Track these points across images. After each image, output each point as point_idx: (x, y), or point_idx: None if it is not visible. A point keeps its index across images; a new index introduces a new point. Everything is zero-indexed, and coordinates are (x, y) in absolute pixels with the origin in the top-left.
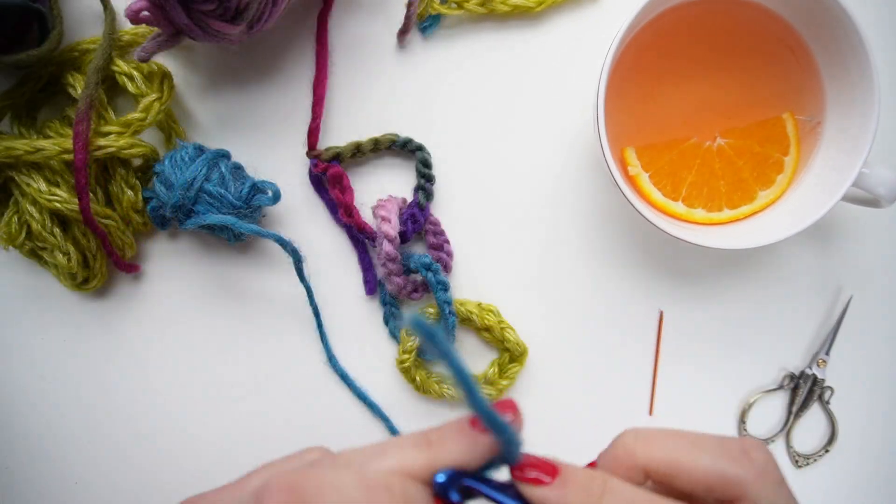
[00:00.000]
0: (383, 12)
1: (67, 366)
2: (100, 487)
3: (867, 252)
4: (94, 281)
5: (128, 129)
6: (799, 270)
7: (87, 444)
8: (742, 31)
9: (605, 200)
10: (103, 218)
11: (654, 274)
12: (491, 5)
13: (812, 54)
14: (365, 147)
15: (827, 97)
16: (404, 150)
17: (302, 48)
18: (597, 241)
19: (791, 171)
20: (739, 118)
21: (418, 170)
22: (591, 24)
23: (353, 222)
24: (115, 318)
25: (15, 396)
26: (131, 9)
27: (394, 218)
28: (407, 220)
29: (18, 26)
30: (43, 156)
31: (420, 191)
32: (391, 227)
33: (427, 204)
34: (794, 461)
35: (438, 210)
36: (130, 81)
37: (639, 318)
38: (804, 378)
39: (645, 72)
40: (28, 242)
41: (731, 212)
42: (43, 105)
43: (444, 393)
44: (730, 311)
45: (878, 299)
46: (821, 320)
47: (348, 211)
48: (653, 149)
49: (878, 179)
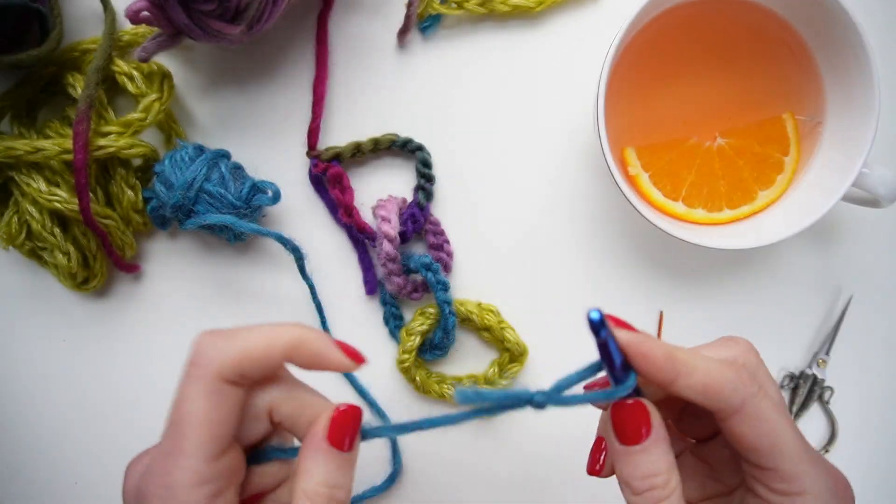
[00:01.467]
0: (383, 12)
1: (67, 366)
2: (100, 487)
3: (867, 252)
4: (94, 281)
5: (128, 129)
6: (799, 270)
7: (87, 444)
8: (742, 31)
9: (605, 200)
10: (103, 218)
11: (653, 274)
12: (491, 5)
13: (812, 54)
14: (365, 147)
15: (827, 97)
16: (404, 150)
17: (302, 48)
18: (597, 242)
19: (791, 171)
20: (739, 118)
21: (418, 170)
22: (591, 24)
23: (353, 222)
24: (115, 318)
25: (15, 396)
26: (131, 9)
27: (394, 218)
28: (407, 220)
29: (18, 26)
30: (43, 156)
31: (420, 191)
32: (391, 226)
33: (427, 204)
34: None
35: (438, 210)
36: (130, 81)
37: (639, 318)
38: (804, 378)
39: (645, 72)
40: (28, 242)
41: (732, 212)
42: (43, 105)
43: (444, 393)
44: (730, 310)
45: (878, 299)
46: (821, 320)
47: (348, 211)
48: (653, 149)
49: (878, 179)
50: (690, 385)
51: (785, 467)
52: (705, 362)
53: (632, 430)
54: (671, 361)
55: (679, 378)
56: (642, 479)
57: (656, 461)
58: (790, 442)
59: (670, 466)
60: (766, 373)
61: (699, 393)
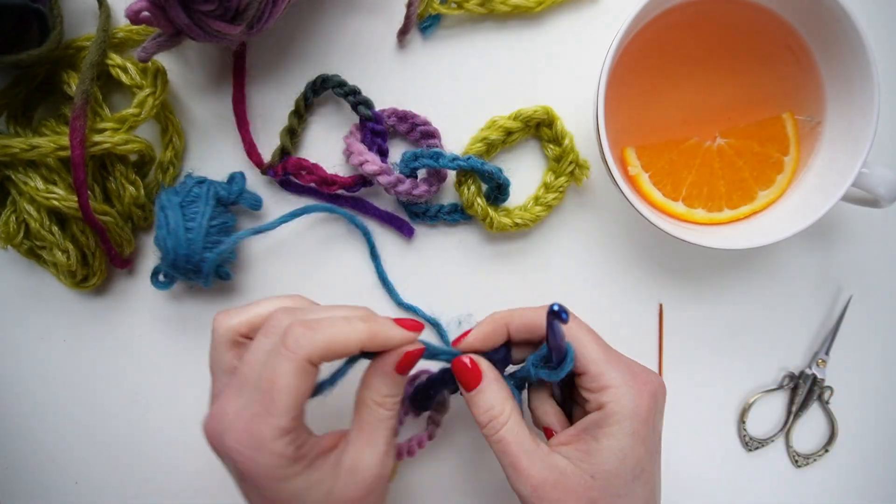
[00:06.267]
0: (383, 12)
1: (67, 364)
2: (100, 487)
3: (867, 252)
4: (93, 279)
5: (123, 124)
6: (799, 270)
7: (87, 443)
8: (742, 31)
9: (605, 200)
10: (101, 214)
11: (653, 274)
12: (491, 5)
13: (812, 54)
14: (293, 123)
15: (827, 97)
16: (324, 93)
17: (302, 48)
18: (597, 241)
19: (791, 171)
20: (739, 118)
21: (340, 93)
22: (591, 24)
23: (343, 184)
24: (114, 316)
25: (15, 396)
26: (131, 9)
27: (364, 151)
28: (372, 139)
29: (18, 26)
30: (39, 153)
31: (357, 107)
32: (371, 159)
33: (372, 111)
34: (793, 461)
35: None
36: (125, 73)
37: (639, 317)
38: (804, 378)
39: (645, 72)
40: (26, 241)
41: (732, 212)
42: (38, 104)
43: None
44: (730, 310)
45: (878, 299)
46: (821, 320)
47: (329, 181)
48: (653, 149)
49: (878, 179)
50: (518, 327)
51: (591, 369)
52: (529, 311)
53: (469, 378)
54: (509, 319)
55: (511, 328)
56: (484, 413)
57: (490, 398)
58: (594, 351)
59: (503, 399)
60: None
61: (527, 330)
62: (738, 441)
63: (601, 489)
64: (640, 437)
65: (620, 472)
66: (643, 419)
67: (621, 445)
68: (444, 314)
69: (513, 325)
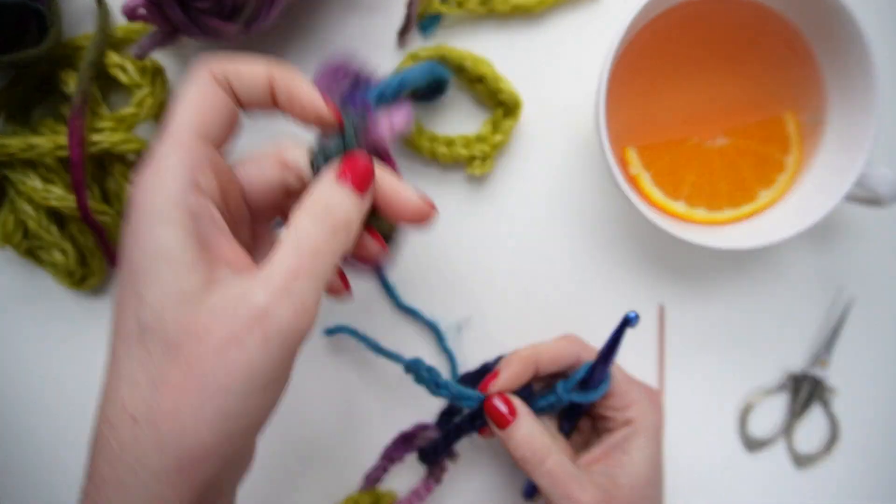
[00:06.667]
0: (383, 12)
1: (65, 365)
2: None
3: (869, 252)
4: (92, 279)
5: (121, 124)
6: (800, 270)
7: (86, 443)
8: (743, 30)
9: (605, 200)
10: (100, 214)
11: (654, 274)
12: (491, 5)
13: (813, 54)
14: None
15: (828, 97)
16: None
17: (301, 47)
18: (597, 241)
19: (792, 171)
20: (740, 118)
21: None
22: (592, 23)
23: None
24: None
25: (14, 396)
26: (128, 6)
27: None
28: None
29: (17, 25)
30: (37, 152)
31: None
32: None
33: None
34: (795, 462)
35: (439, 210)
36: (123, 72)
37: (640, 318)
38: (805, 379)
39: (646, 71)
40: (25, 241)
41: (733, 211)
42: (37, 104)
43: (436, 151)
44: (731, 311)
45: (880, 299)
46: (822, 320)
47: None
48: (654, 148)
49: (880, 179)
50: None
51: (616, 389)
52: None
53: (503, 418)
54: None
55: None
56: (525, 449)
57: (527, 432)
58: (616, 373)
59: (541, 432)
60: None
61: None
62: (740, 442)
63: (639, 497)
64: (658, 443)
65: (651, 479)
66: (658, 427)
67: (650, 453)
68: (443, 319)
69: (542, 362)
